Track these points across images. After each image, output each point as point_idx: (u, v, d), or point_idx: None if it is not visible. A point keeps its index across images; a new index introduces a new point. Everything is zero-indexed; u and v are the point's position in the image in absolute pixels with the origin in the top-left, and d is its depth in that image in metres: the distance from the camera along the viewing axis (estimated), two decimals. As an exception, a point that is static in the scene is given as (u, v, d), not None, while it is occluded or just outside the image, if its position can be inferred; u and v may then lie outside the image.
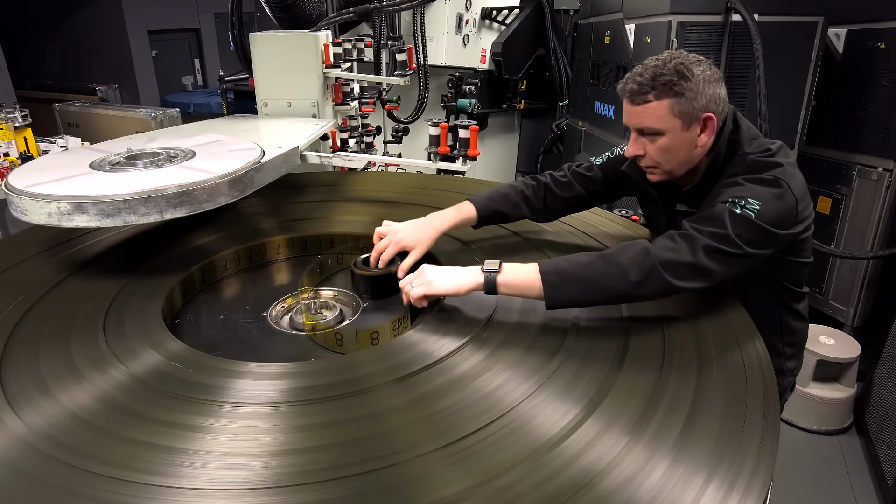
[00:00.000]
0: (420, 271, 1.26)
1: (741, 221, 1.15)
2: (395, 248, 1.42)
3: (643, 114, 1.25)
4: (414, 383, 1.01)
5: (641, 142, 1.30)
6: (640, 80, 1.23)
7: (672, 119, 1.24)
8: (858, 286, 3.13)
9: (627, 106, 1.28)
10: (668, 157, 1.30)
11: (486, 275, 1.18)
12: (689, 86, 1.21)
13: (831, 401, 2.88)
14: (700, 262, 1.13)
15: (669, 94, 1.22)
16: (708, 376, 1.05)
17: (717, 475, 0.82)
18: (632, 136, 1.32)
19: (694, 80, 1.21)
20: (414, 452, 0.85)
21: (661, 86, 1.22)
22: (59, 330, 1.18)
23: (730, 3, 2.84)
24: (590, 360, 1.07)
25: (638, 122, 1.28)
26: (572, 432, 0.89)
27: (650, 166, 1.34)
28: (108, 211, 1.29)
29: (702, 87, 1.22)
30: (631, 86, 1.25)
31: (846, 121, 3.15)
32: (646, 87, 1.23)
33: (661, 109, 1.23)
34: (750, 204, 1.16)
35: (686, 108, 1.23)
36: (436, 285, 1.21)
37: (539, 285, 1.15)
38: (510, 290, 1.18)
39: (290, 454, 0.85)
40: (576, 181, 1.57)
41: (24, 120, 3.73)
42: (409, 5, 3.50)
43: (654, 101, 1.23)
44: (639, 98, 1.24)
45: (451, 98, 3.94)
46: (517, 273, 1.18)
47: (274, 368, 1.06)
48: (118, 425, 0.91)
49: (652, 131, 1.27)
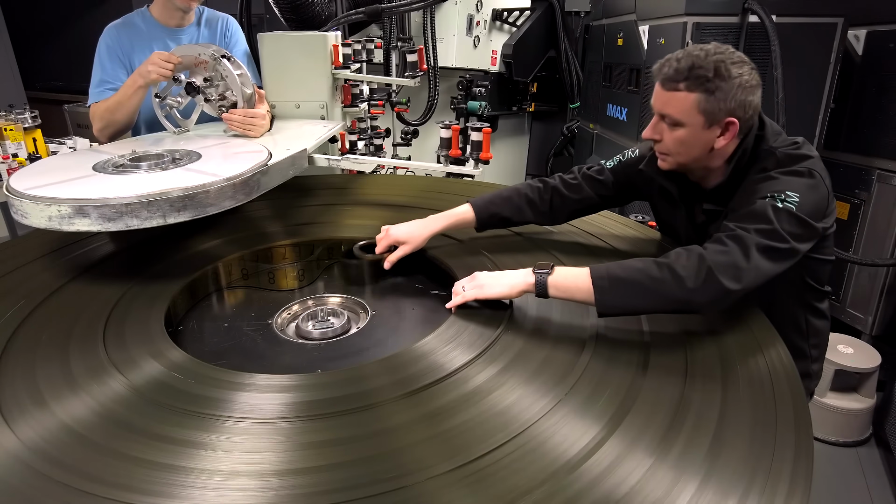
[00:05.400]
0: (472, 276, 1.26)
1: (784, 215, 1.12)
2: (388, 241, 1.49)
3: (669, 100, 1.23)
4: (424, 398, 0.96)
5: (661, 127, 1.28)
6: (676, 67, 1.21)
7: (695, 114, 1.21)
8: (878, 294, 3.06)
9: (657, 88, 1.26)
10: (681, 150, 1.28)
11: (536, 276, 1.16)
12: (723, 86, 1.18)
13: (850, 411, 2.81)
14: (754, 261, 1.09)
15: (700, 88, 1.19)
16: (733, 389, 1.00)
17: (750, 499, 0.77)
18: (654, 118, 1.29)
19: (729, 81, 1.18)
20: (424, 474, 0.80)
21: (694, 78, 1.19)
22: (58, 337, 1.15)
23: (747, 3, 2.78)
24: (609, 374, 1.02)
25: (662, 107, 1.25)
26: (593, 453, 0.84)
27: (663, 153, 1.32)
28: (109, 214, 1.25)
29: (734, 91, 1.19)
30: (667, 70, 1.22)
31: (865, 124, 3.08)
32: (680, 76, 1.20)
33: (687, 101, 1.20)
34: (790, 197, 1.13)
35: (712, 108, 1.19)
36: (487, 288, 1.20)
37: (590, 289, 1.11)
38: (560, 292, 1.15)
39: (294, 474, 0.81)
40: (586, 184, 1.53)
41: (33, 121, 3.71)
42: (419, 6, 3.47)
43: (684, 91, 1.20)
44: (670, 84, 1.22)
45: (462, 100, 3.89)
46: (568, 276, 1.15)
47: (278, 381, 1.01)
48: (115, 441, 0.87)
49: (672, 120, 1.24)
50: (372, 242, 1.58)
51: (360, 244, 1.60)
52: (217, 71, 1.91)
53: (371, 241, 1.58)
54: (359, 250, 1.58)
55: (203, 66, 1.91)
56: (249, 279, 1.58)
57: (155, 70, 1.84)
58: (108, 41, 2.06)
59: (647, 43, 3.30)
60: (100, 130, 2.03)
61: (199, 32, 2.19)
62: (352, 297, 1.48)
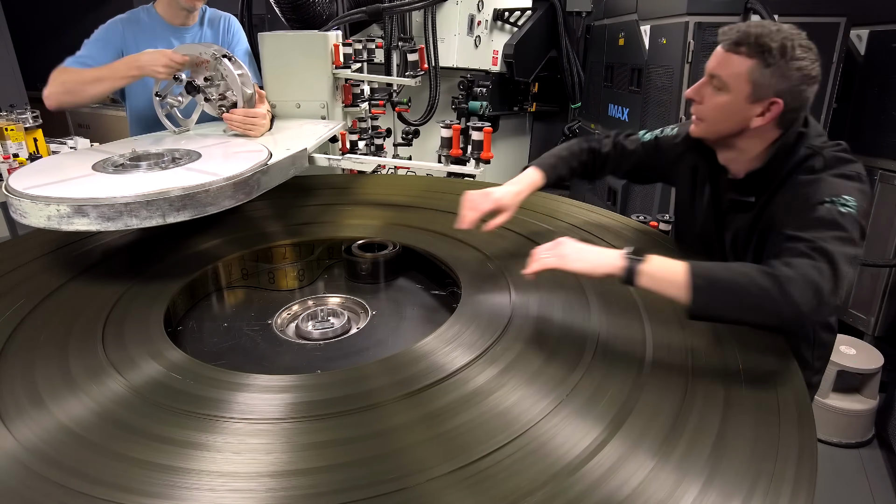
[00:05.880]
0: (557, 242, 1.19)
1: (850, 220, 1.10)
2: (491, 205, 1.41)
3: (724, 61, 1.21)
4: (424, 399, 0.96)
5: (705, 90, 1.27)
6: (745, 31, 1.19)
7: (744, 82, 1.19)
8: (880, 295, 3.04)
9: (717, 49, 1.24)
10: (717, 118, 1.26)
11: (628, 261, 1.10)
12: (782, 64, 1.16)
13: (852, 413, 2.80)
14: (843, 272, 1.05)
15: (758, 57, 1.16)
16: (736, 391, 0.99)
17: (753, 501, 0.77)
18: (702, 79, 1.28)
19: (790, 62, 1.16)
20: (424, 476, 0.79)
21: (757, 45, 1.16)
22: (57, 337, 1.14)
23: (749, 3, 2.77)
24: (611, 375, 1.01)
25: (715, 67, 1.23)
26: (594, 454, 0.83)
27: (699, 117, 1.30)
28: (108, 214, 1.25)
29: (791, 73, 1.16)
30: (734, 33, 1.20)
31: (867, 125, 3.07)
32: (744, 39, 1.18)
33: (741, 66, 1.18)
34: (848, 201, 1.12)
35: (763, 81, 1.17)
36: (570, 260, 1.14)
37: (685, 285, 1.05)
38: (651, 283, 1.08)
39: (294, 475, 0.80)
40: (622, 153, 1.58)
41: (34, 121, 3.71)
42: (420, 5, 3.46)
43: (742, 56, 1.18)
44: (731, 45, 1.20)
45: (463, 100, 3.89)
46: (663, 267, 1.08)
47: (277, 381, 1.01)
48: (113, 441, 0.87)
49: (720, 83, 1.22)
50: (371, 242, 1.57)
51: (359, 243, 1.60)
52: (218, 70, 1.90)
53: (370, 240, 1.57)
54: (358, 250, 1.58)
55: (204, 65, 1.91)
56: (249, 279, 1.58)
57: (165, 71, 1.82)
58: (108, 33, 2.04)
59: (649, 43, 3.30)
60: (57, 94, 1.92)
61: (201, 32, 2.18)
62: (352, 297, 1.47)
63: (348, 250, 1.59)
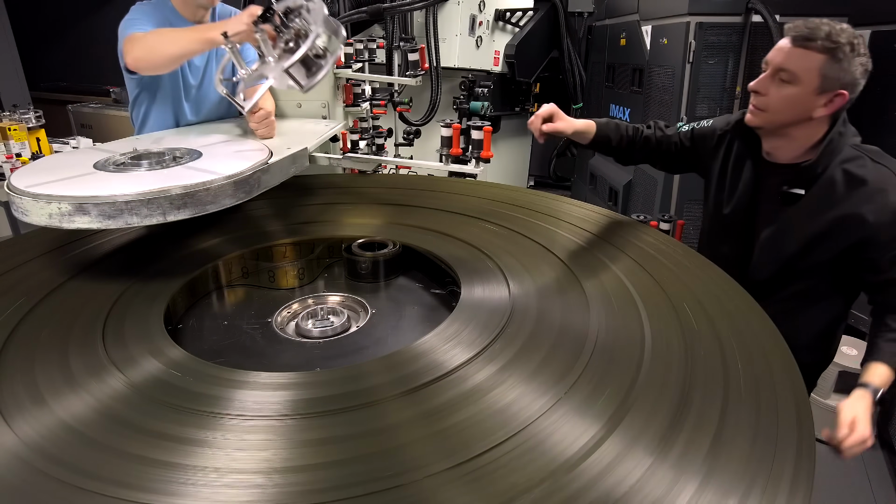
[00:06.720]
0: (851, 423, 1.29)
1: None
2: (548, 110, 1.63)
3: (795, 56, 1.28)
4: (423, 396, 0.96)
5: (771, 83, 1.33)
6: (815, 27, 1.26)
7: (815, 76, 1.26)
8: (881, 295, 3.04)
9: (785, 44, 1.31)
10: (783, 108, 1.33)
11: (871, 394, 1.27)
12: (850, 59, 1.25)
13: (853, 413, 2.79)
14: None
15: (830, 53, 1.25)
16: (735, 388, 0.99)
17: (751, 499, 0.77)
18: (767, 73, 1.35)
19: (856, 58, 1.26)
20: (422, 472, 0.79)
21: (830, 41, 1.25)
22: (58, 335, 1.14)
23: (750, 3, 2.77)
24: (609, 373, 1.01)
25: (783, 61, 1.30)
26: (592, 451, 0.83)
27: (761, 108, 1.37)
28: (109, 212, 1.25)
29: (855, 67, 1.26)
30: (803, 30, 1.28)
31: (868, 125, 3.02)
32: (816, 35, 1.25)
33: (813, 61, 1.26)
34: None
35: (833, 74, 1.26)
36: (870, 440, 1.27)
37: None
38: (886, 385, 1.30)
39: (292, 472, 0.80)
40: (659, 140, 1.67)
41: (37, 121, 3.72)
42: (421, 5, 3.47)
43: (814, 51, 1.26)
44: (802, 41, 1.27)
45: (464, 100, 3.89)
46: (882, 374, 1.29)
47: (276, 379, 1.01)
48: (113, 438, 0.87)
49: (789, 76, 1.29)
50: (371, 241, 1.58)
51: (359, 242, 1.60)
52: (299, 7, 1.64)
53: (371, 239, 1.57)
54: (358, 249, 1.58)
55: None
56: (249, 277, 1.58)
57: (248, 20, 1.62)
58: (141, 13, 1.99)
59: (651, 43, 3.30)
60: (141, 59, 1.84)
61: None
62: (352, 295, 1.47)
63: (348, 249, 1.59)
